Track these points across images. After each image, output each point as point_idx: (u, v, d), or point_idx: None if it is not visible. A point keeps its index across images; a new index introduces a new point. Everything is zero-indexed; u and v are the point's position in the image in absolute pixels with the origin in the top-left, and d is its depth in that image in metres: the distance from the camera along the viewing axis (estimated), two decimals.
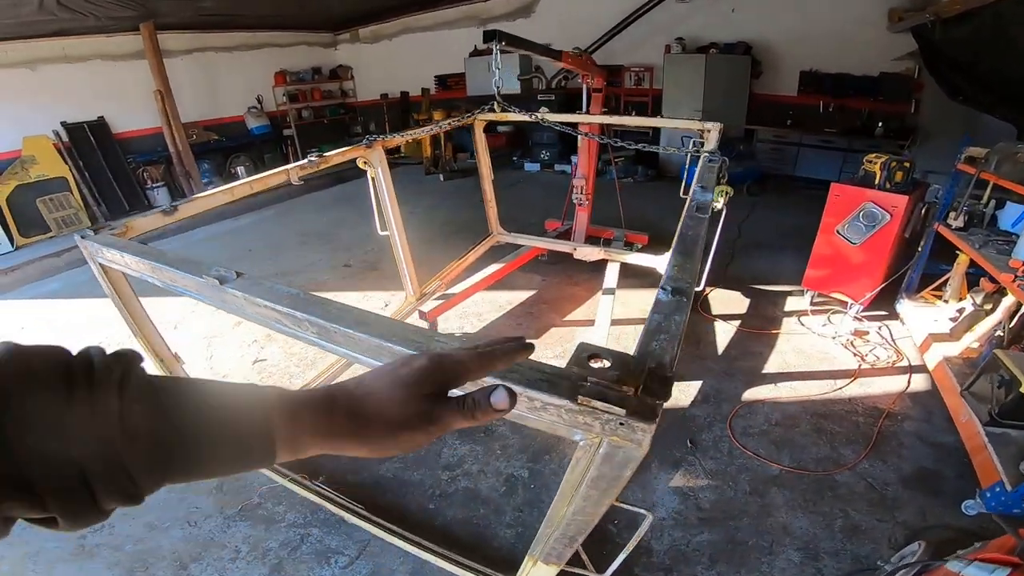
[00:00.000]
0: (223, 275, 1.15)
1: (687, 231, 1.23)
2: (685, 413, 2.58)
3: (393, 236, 3.05)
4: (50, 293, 5.08)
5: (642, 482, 2.19)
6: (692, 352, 3.02)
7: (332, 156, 2.63)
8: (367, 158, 2.81)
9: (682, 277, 1.02)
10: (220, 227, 6.64)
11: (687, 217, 1.30)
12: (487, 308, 3.68)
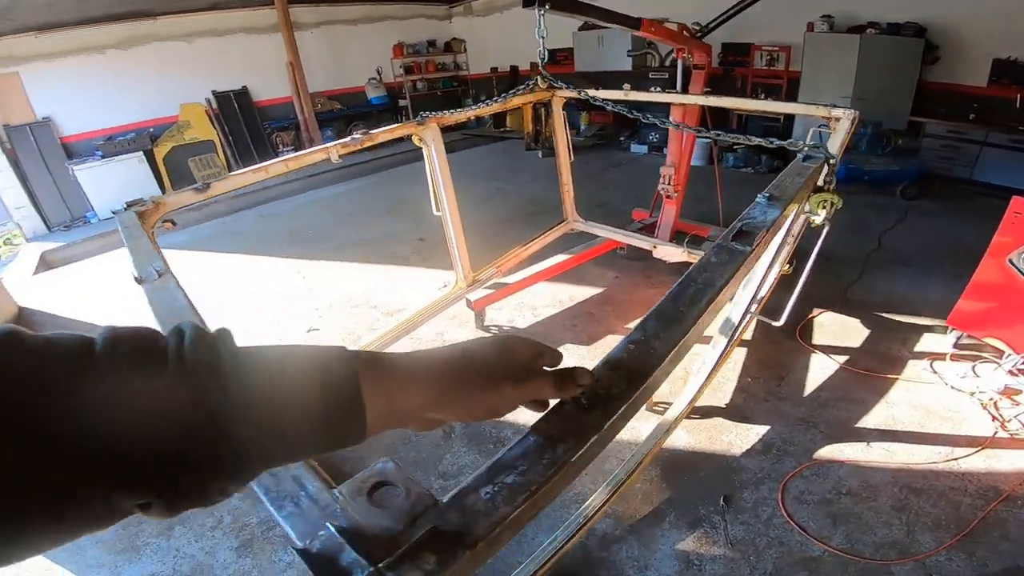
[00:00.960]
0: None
1: (691, 282, 0.78)
2: (733, 463, 2.11)
3: (445, 217, 2.88)
4: (180, 244, 5.79)
5: (645, 536, 1.84)
6: (769, 388, 2.48)
7: (379, 133, 2.51)
8: (420, 135, 2.66)
9: (635, 364, 0.65)
10: (332, 190, 7.14)
11: (711, 252, 0.87)
12: (545, 302, 3.39)
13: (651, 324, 0.70)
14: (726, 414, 2.33)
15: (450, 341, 3.07)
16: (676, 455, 2.15)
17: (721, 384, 2.50)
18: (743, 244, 0.88)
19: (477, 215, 5.15)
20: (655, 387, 0.66)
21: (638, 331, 0.69)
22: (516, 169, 6.89)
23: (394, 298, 3.80)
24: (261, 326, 3.72)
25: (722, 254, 0.87)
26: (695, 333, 0.71)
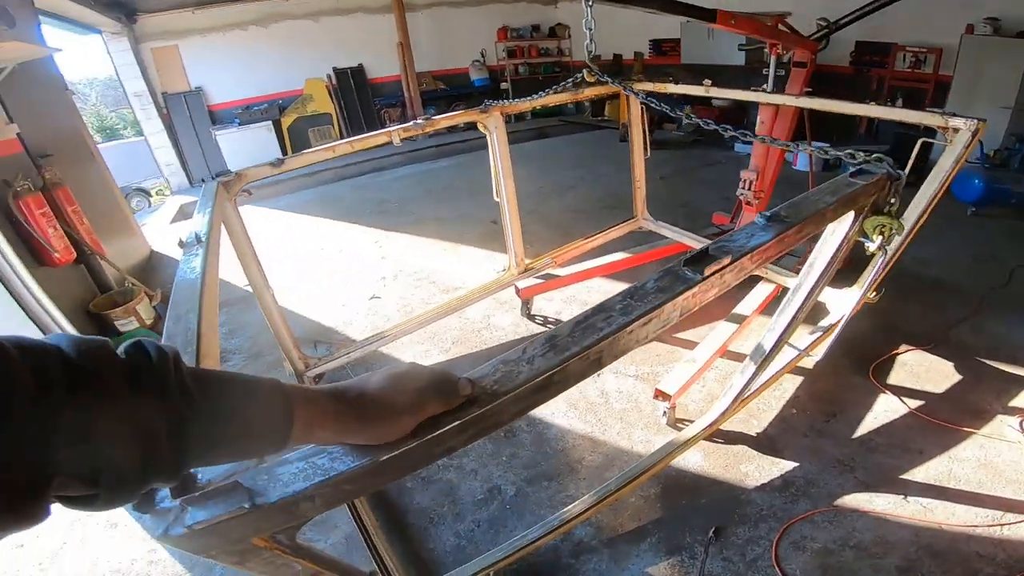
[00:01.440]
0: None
1: (607, 308, 0.77)
2: (741, 495, 1.93)
3: (503, 204, 2.91)
4: (283, 205, 6.45)
5: (619, 553, 1.76)
6: (813, 423, 2.22)
7: (442, 119, 2.65)
8: (484, 123, 2.71)
9: (492, 385, 0.67)
10: (428, 166, 7.50)
11: (655, 275, 0.81)
12: (597, 299, 3.26)
13: (535, 347, 0.68)
14: (753, 443, 2.14)
15: (495, 326, 3.22)
16: (683, 476, 2.02)
17: (760, 411, 2.28)
18: (694, 271, 0.79)
19: (553, 204, 5.14)
20: (502, 418, 0.66)
21: (518, 351, 0.67)
22: (603, 160, 6.70)
23: (453, 276, 3.93)
24: (329, 288, 4.04)
25: (664, 280, 0.79)
26: (579, 366, 0.68)
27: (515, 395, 0.62)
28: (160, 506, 0.52)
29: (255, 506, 0.52)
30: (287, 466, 0.57)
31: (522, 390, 0.62)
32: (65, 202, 3.44)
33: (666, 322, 0.78)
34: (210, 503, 0.51)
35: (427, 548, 1.87)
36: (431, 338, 3.13)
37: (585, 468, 2.11)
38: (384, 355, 3.03)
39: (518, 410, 0.66)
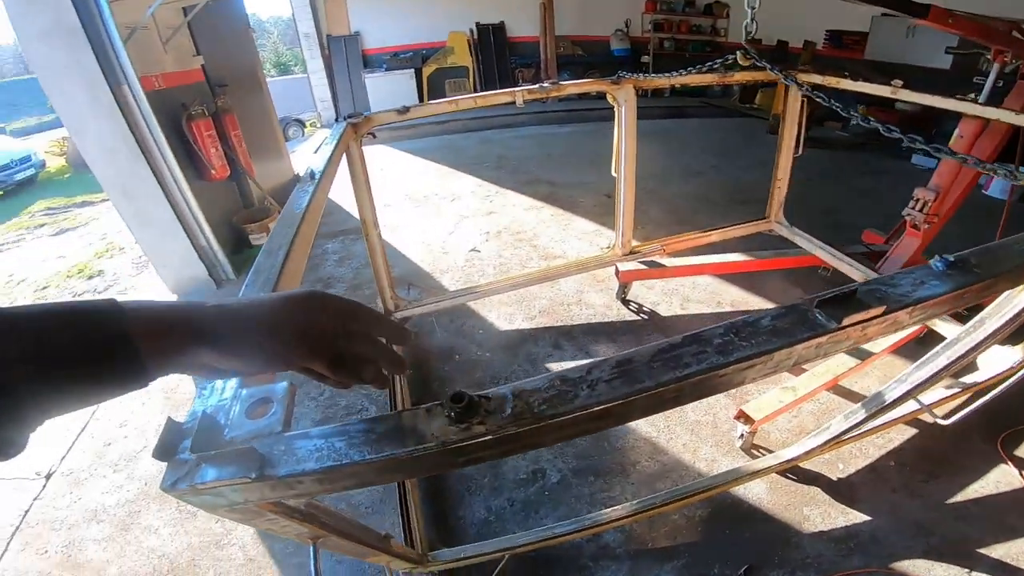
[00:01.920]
0: None
1: (704, 341, 0.71)
2: (793, 538, 1.67)
3: (620, 179, 2.71)
4: (411, 148, 6.72)
5: (640, 569, 1.62)
6: (907, 481, 1.85)
7: (570, 85, 2.50)
8: (614, 94, 2.52)
9: (536, 406, 0.58)
10: (555, 129, 7.35)
11: (778, 310, 0.64)
12: (701, 297, 3.00)
13: (602, 368, 0.55)
14: (830, 487, 1.83)
15: (586, 303, 3.07)
16: (737, 504, 1.80)
17: (851, 455, 1.95)
18: (829, 316, 0.60)
19: (676, 188, 4.76)
20: (543, 440, 0.54)
21: (580, 369, 0.55)
22: (743, 149, 6.02)
23: (555, 244, 3.82)
24: (433, 234, 4.16)
25: (786, 319, 0.61)
26: (650, 403, 0.54)
27: (564, 421, 0.51)
28: (179, 457, 0.50)
29: (261, 476, 0.48)
30: (307, 440, 0.52)
31: (574, 417, 0.51)
32: (230, 127, 3.86)
33: (774, 369, 0.61)
34: (223, 464, 0.49)
35: (456, 515, 1.85)
36: (519, 302, 3.08)
37: (638, 473, 1.95)
38: (471, 310, 3.04)
39: (565, 436, 0.55)
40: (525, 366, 2.56)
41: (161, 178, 3.25)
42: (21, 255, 5.08)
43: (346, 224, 4.36)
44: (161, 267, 3.56)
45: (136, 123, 3.10)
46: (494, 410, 0.51)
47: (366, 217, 2.41)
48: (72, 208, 6.62)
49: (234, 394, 0.57)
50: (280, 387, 0.56)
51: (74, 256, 4.80)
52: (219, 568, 1.73)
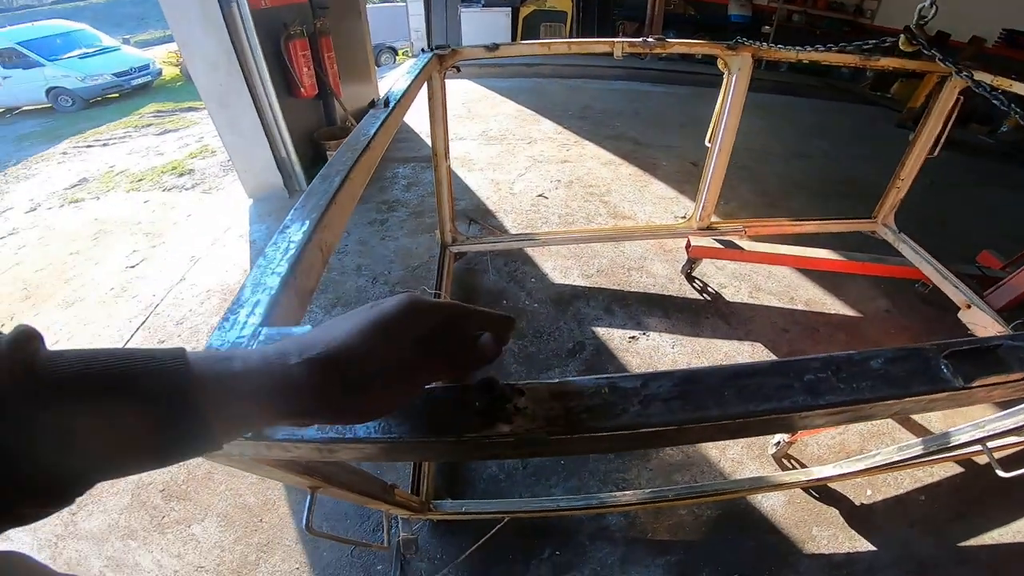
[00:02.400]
0: None
1: (807, 368, 0.61)
2: (791, 556, 1.57)
3: (713, 150, 2.45)
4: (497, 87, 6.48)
5: (633, 557, 1.56)
6: (933, 518, 1.68)
7: (677, 44, 2.24)
8: (727, 60, 2.23)
9: (582, 409, 0.57)
10: (647, 87, 6.84)
11: (893, 352, 0.68)
12: (774, 289, 2.73)
13: (660, 384, 0.44)
14: (848, 512, 1.67)
15: (648, 271, 2.88)
16: (749, 512, 1.68)
17: (884, 483, 1.77)
18: (956, 371, 0.46)
19: (773, 168, 4.30)
20: (575, 450, 0.45)
21: (636, 379, 0.45)
22: (861, 139, 5.27)
23: (628, 204, 3.60)
24: (503, 174, 4.05)
25: (903, 365, 0.47)
26: (710, 432, 0.44)
27: (605, 436, 0.43)
28: None
29: (259, 436, 0.43)
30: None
31: (617, 434, 0.42)
32: (324, 48, 3.88)
33: (865, 417, 0.49)
34: None
35: (467, 468, 1.84)
36: (578, 257, 2.95)
37: (659, 460, 1.85)
38: (527, 256, 2.96)
39: (601, 449, 0.47)
40: (571, 324, 2.47)
41: (254, 91, 3.41)
42: (126, 150, 5.47)
43: (420, 151, 4.34)
44: (243, 172, 3.76)
45: (239, 39, 3.23)
46: (525, 409, 0.43)
47: (438, 148, 2.38)
48: (178, 112, 7.05)
49: (253, 332, 0.52)
50: (300, 330, 0.51)
51: (171, 155, 5.13)
52: (231, 483, 1.82)
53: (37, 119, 7.79)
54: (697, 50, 2.32)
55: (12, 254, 3.44)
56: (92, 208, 4.03)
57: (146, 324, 2.61)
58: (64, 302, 2.86)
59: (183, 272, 3.02)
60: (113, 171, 4.82)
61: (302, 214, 0.80)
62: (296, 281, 0.65)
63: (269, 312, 0.56)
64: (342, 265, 2.97)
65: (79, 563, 1.62)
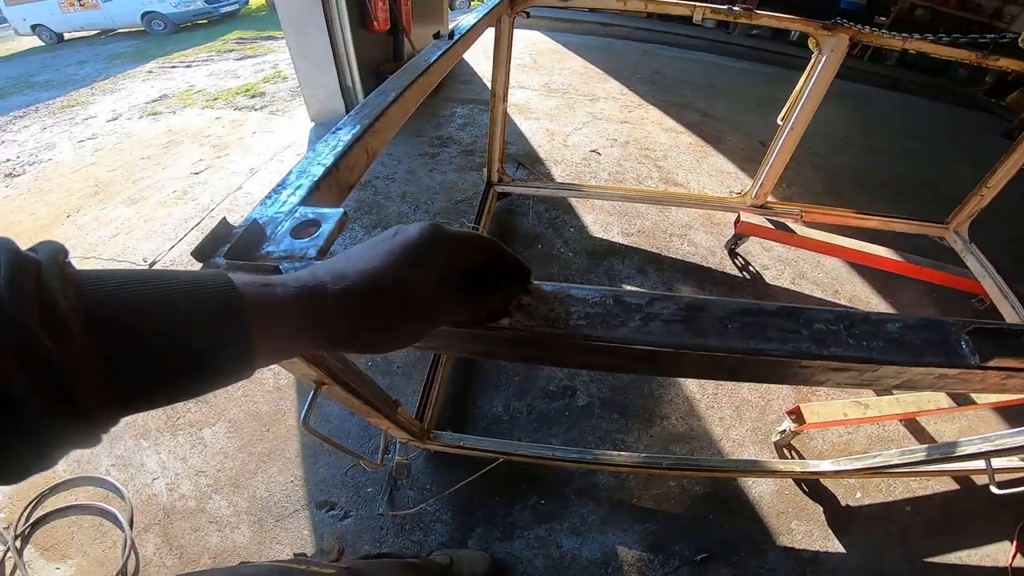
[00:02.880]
0: None
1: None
2: (762, 544, 1.55)
3: (783, 130, 2.30)
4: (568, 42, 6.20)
5: (614, 519, 1.57)
6: (912, 529, 1.62)
7: (767, 16, 2.07)
8: (819, 40, 2.05)
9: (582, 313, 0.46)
10: (727, 62, 6.44)
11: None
12: (818, 278, 2.59)
13: (664, 304, 0.44)
14: (832, 511, 1.64)
15: (691, 240, 2.79)
16: (736, 495, 1.67)
17: (876, 487, 1.72)
18: (974, 349, 0.43)
19: (846, 159, 4.00)
20: (566, 360, 0.46)
21: (641, 296, 0.45)
22: (956, 144, 4.77)
23: (683, 172, 3.46)
24: (560, 125, 3.97)
25: (920, 333, 0.44)
26: (705, 365, 0.44)
27: (599, 347, 0.43)
28: (213, 260, 0.48)
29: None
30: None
31: (611, 347, 0.43)
32: None
33: (868, 383, 0.47)
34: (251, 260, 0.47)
35: (474, 403, 1.86)
36: (621, 214, 2.90)
37: (661, 428, 1.84)
38: (570, 206, 2.94)
39: (593, 364, 0.48)
40: (602, 279, 2.45)
41: (330, 22, 3.47)
42: (206, 72, 5.64)
43: (480, 95, 4.28)
44: (309, 97, 3.87)
45: None
46: (528, 306, 0.44)
47: (497, 89, 2.35)
48: (259, 40, 7.17)
49: (291, 209, 0.55)
50: (334, 212, 0.53)
51: (246, 78, 5.27)
52: (248, 389, 1.90)
53: (130, 41, 8.10)
54: (787, 25, 2.12)
55: (89, 155, 3.65)
56: (168, 120, 4.21)
57: (200, 225, 2.76)
58: (129, 199, 3.05)
59: (241, 182, 3.16)
60: (192, 90, 5.00)
61: (355, 120, 0.82)
62: (338, 173, 0.67)
63: (308, 195, 0.59)
64: (388, 190, 3.03)
65: (89, 460, 1.67)
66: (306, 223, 0.53)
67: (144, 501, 1.58)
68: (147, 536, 1.50)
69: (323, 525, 1.53)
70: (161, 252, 2.56)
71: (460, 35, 1.38)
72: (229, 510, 1.56)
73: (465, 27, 1.46)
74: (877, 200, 3.39)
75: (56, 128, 4.18)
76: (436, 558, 1.36)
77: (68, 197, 3.09)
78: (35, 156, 3.66)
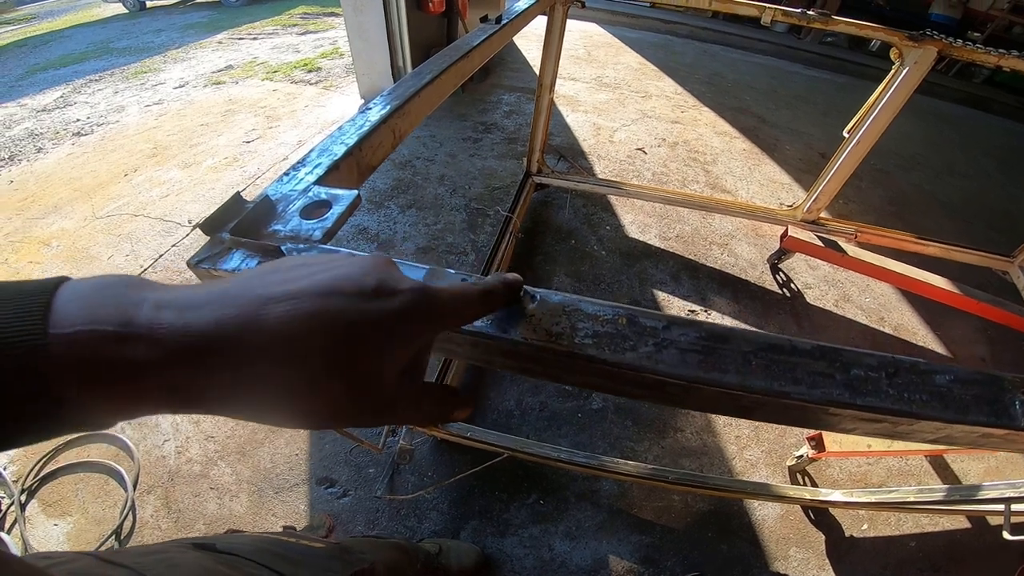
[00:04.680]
0: None
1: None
2: (755, 568, 1.45)
3: (850, 143, 2.15)
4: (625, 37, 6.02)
5: (611, 528, 1.53)
6: (912, 564, 1.52)
7: (844, 22, 1.92)
8: (904, 51, 1.90)
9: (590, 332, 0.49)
10: (794, 68, 6.17)
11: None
12: (863, 303, 2.43)
13: (683, 331, 0.39)
14: (834, 541, 1.56)
15: (731, 250, 2.67)
16: (739, 515, 1.60)
17: (883, 521, 1.62)
18: (1020, 415, 0.37)
19: (912, 179, 3.74)
20: (565, 378, 0.41)
21: (659, 319, 0.40)
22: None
23: (732, 179, 3.32)
24: (607, 120, 3.87)
25: (970, 388, 0.38)
26: (718, 400, 0.39)
27: (601, 370, 0.40)
28: (219, 234, 0.47)
29: None
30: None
31: (615, 371, 0.39)
32: None
33: (906, 435, 0.42)
34: (246, 257, 0.45)
35: (486, 395, 1.84)
36: (660, 217, 2.80)
37: (674, 440, 1.78)
38: (608, 204, 2.86)
39: (593, 386, 0.44)
40: (633, 281, 2.38)
41: (387, 1, 3.47)
42: (270, 45, 5.79)
43: (529, 83, 4.22)
44: (362, 74, 3.91)
45: None
46: (532, 316, 0.41)
47: (544, 79, 2.31)
48: (322, 16, 7.29)
49: (305, 188, 0.54)
50: (347, 195, 0.51)
51: (305, 52, 5.37)
52: None
53: (205, 11, 8.38)
54: (867, 33, 1.95)
55: (153, 119, 3.81)
56: (229, 90, 4.34)
57: (245, 192, 2.83)
58: (183, 163, 3.16)
59: (287, 152, 3.24)
60: (255, 62, 5.14)
61: (387, 99, 0.80)
62: (361, 153, 0.65)
63: (327, 175, 0.57)
64: (427, 172, 3.03)
65: None
66: (318, 203, 0.51)
67: (152, 462, 1.62)
68: (148, 498, 1.53)
69: (321, 501, 1.54)
70: (206, 215, 2.64)
71: (508, 19, 1.34)
72: (232, 478, 1.59)
73: (515, 12, 1.42)
74: (943, 226, 3.16)
75: (127, 92, 4.38)
76: (425, 545, 1.36)
77: (128, 157, 3.24)
78: (104, 118, 3.85)
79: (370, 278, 0.26)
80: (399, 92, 0.83)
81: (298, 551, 0.67)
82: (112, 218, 2.64)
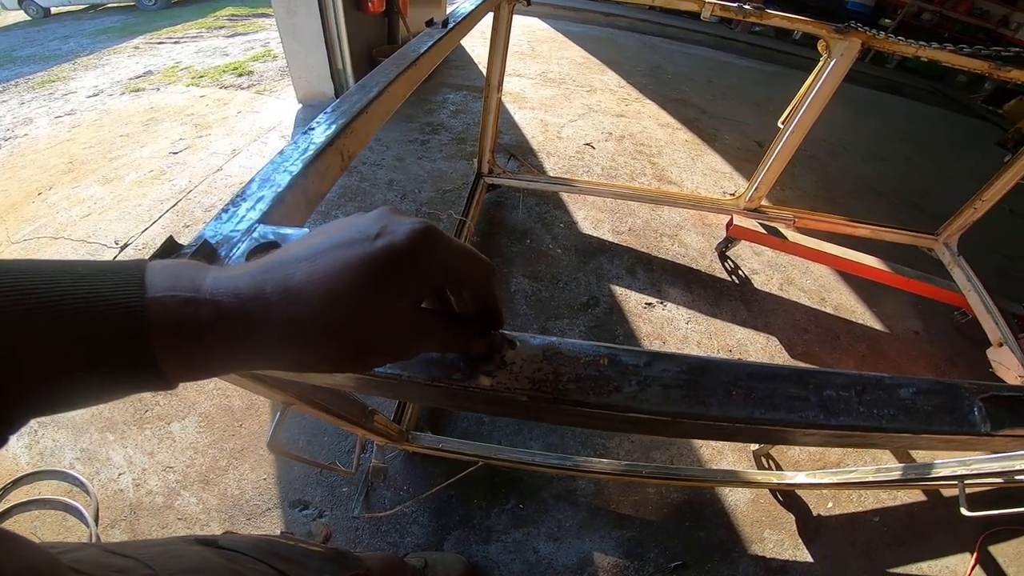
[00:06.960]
0: None
1: (810, 380, 0.73)
2: (733, 552, 1.55)
3: (783, 135, 2.25)
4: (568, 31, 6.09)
5: (591, 526, 1.55)
6: (878, 540, 1.64)
7: (777, 16, 2.00)
8: (829, 43, 2.00)
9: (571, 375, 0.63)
10: (731, 59, 6.39)
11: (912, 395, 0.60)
12: (806, 285, 2.57)
13: (664, 367, 0.39)
14: (803, 521, 1.65)
15: (681, 241, 2.73)
16: (712, 502, 1.66)
17: (847, 498, 1.74)
18: (984, 416, 0.40)
19: (842, 163, 3.97)
20: (552, 418, 0.42)
21: (640, 356, 0.40)
22: (953, 152, 4.80)
23: (677, 170, 3.41)
24: (554, 116, 3.88)
25: (931, 399, 0.41)
26: (704, 431, 0.39)
27: (588, 412, 0.39)
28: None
29: None
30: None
31: (603, 413, 0.38)
32: None
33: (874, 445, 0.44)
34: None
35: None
36: (612, 212, 2.85)
37: (641, 436, 1.81)
38: (560, 201, 2.87)
39: (580, 423, 0.43)
40: (590, 278, 2.41)
41: (322, 1, 3.29)
42: (194, 49, 5.41)
43: (474, 81, 4.17)
44: (297, 78, 3.72)
45: None
46: (512, 364, 0.39)
47: (492, 79, 2.28)
48: (251, 18, 6.90)
49: (250, 227, 0.49)
50: (296, 234, 0.47)
51: (235, 56, 5.05)
52: (221, 382, 1.82)
53: (119, 16, 7.77)
54: (799, 27, 2.06)
55: (66, 131, 3.48)
56: (150, 98, 4.02)
57: (176, 207, 2.65)
58: (104, 178, 2.91)
59: (221, 163, 3.03)
60: (178, 67, 4.79)
61: (331, 118, 0.75)
62: (307, 182, 0.61)
63: (271, 209, 0.52)
64: (375, 177, 2.94)
65: (52, 453, 1.61)
66: (265, 245, 0.46)
67: (110, 496, 1.51)
68: (113, 532, 1.44)
69: (296, 524, 1.48)
70: (133, 235, 2.45)
71: (455, 23, 1.31)
72: (199, 507, 1.50)
73: (462, 14, 1.39)
74: (871, 207, 3.39)
75: (35, 103, 3.98)
76: (411, 560, 1.33)
77: (41, 174, 2.94)
78: (11, 131, 3.48)
79: (374, 225, 0.30)
80: (344, 109, 0.78)
81: (296, 552, 0.69)
82: (29, 242, 2.39)
